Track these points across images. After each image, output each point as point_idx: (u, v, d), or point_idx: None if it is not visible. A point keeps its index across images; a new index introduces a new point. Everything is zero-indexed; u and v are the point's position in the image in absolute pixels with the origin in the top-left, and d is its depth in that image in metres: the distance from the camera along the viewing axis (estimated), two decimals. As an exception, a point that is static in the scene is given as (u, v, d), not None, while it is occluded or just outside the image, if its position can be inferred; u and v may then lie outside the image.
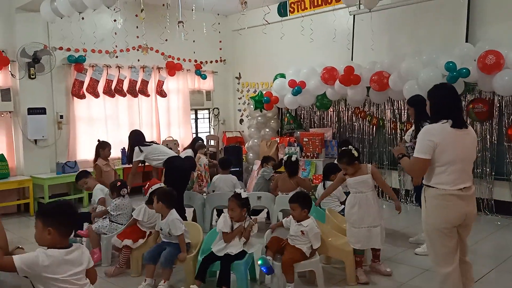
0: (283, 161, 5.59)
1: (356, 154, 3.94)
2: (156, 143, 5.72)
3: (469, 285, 3.10)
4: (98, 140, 5.88)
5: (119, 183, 4.61)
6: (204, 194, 6.16)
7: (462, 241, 3.05)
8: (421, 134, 2.90)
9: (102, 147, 5.69)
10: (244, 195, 3.79)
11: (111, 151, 5.83)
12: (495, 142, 6.11)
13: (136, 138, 5.59)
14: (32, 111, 6.92)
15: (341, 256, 3.93)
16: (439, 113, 2.90)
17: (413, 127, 4.09)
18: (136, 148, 5.40)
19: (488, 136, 6.17)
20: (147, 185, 4.40)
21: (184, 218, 4.83)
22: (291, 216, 3.83)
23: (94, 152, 5.76)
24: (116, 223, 4.50)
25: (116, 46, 8.00)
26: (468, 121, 6.31)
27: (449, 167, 2.83)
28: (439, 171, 2.86)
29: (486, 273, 4.08)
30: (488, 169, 6.18)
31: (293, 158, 5.39)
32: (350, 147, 4.03)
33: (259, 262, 3.52)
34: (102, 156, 5.68)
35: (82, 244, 4.14)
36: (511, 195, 6.01)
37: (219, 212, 5.92)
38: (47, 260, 2.07)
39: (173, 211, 3.94)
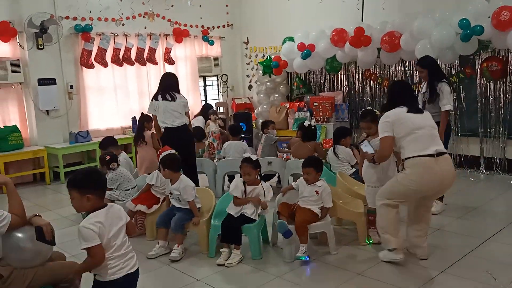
0: (299, 126, 5.58)
1: (377, 113, 3.99)
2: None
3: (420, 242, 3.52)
4: (142, 113, 6.03)
5: (108, 157, 4.60)
6: (215, 160, 6.23)
7: (427, 206, 3.55)
8: (381, 120, 3.45)
9: (147, 120, 5.76)
10: (253, 157, 3.85)
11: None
12: (509, 100, 6.00)
13: (168, 82, 5.20)
14: (42, 82, 6.95)
15: (352, 218, 3.98)
16: (396, 103, 3.47)
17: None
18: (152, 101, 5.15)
19: (501, 95, 6.06)
20: (158, 152, 4.44)
21: (197, 185, 4.89)
22: (301, 178, 3.87)
23: (138, 124, 5.94)
24: (123, 190, 4.59)
25: (122, 14, 7.91)
26: (482, 81, 6.21)
27: (412, 135, 3.29)
28: (407, 142, 3.31)
29: (497, 231, 4.10)
30: (501, 129, 6.11)
31: (306, 124, 5.39)
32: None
33: (277, 227, 3.55)
34: (148, 128, 5.77)
35: None
36: (524, 154, 5.97)
37: (230, 178, 5.99)
38: (97, 226, 2.21)
39: (183, 176, 4.00)
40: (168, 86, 5.16)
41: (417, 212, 3.55)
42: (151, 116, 5.36)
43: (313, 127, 5.39)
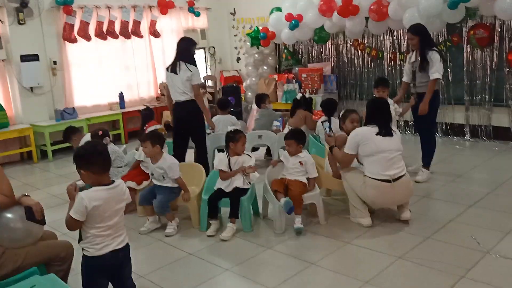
0: (297, 100, 5.65)
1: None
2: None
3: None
4: (147, 107, 6.06)
5: (100, 132, 4.53)
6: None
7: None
8: (350, 135, 3.69)
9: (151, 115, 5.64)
10: (233, 128, 4.01)
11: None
12: (495, 68, 6.04)
13: (178, 50, 4.78)
14: (25, 58, 6.79)
15: (340, 188, 4.03)
16: (370, 121, 3.68)
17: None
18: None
19: (488, 63, 6.08)
20: (145, 126, 4.41)
21: (205, 162, 4.89)
22: (285, 151, 3.94)
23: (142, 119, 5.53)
24: (116, 167, 4.58)
25: (103, -14, 7.69)
26: (468, 49, 6.22)
27: (374, 156, 3.54)
28: (368, 162, 3.58)
29: (482, 197, 4.21)
30: (487, 96, 6.16)
31: (298, 97, 5.52)
32: None
33: (284, 206, 3.57)
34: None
35: None
36: (509, 120, 6.05)
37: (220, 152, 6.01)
38: (92, 200, 2.23)
39: (166, 154, 3.95)
40: (178, 54, 4.73)
41: None
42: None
43: (308, 98, 5.49)
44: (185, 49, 4.75)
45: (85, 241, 2.32)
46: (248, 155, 3.92)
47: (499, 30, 5.90)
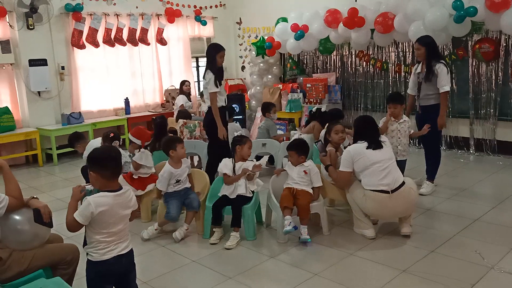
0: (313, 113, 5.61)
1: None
2: None
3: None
4: (163, 116, 5.96)
5: (111, 134, 4.58)
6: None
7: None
8: (343, 155, 3.78)
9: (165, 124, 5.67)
10: (240, 133, 4.06)
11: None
12: (500, 82, 6.05)
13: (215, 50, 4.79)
14: (33, 62, 6.86)
15: (344, 198, 4.03)
16: (359, 137, 3.77)
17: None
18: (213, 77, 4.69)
19: (493, 77, 6.10)
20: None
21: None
22: (288, 161, 3.96)
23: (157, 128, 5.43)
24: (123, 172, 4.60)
25: (113, -7, 7.78)
26: (474, 62, 6.24)
27: (369, 169, 3.60)
28: (364, 176, 3.63)
29: (487, 211, 4.20)
30: (492, 110, 6.17)
31: (314, 109, 5.58)
32: None
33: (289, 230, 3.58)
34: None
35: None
36: (514, 135, 6.06)
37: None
38: (98, 206, 2.23)
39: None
40: (206, 61, 4.89)
41: None
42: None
43: (323, 112, 5.45)
44: (209, 55, 4.86)
45: (89, 246, 2.33)
46: (252, 161, 3.95)
47: (505, 44, 5.93)
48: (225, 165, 3.90)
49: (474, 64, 6.26)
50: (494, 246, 3.46)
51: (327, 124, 4.37)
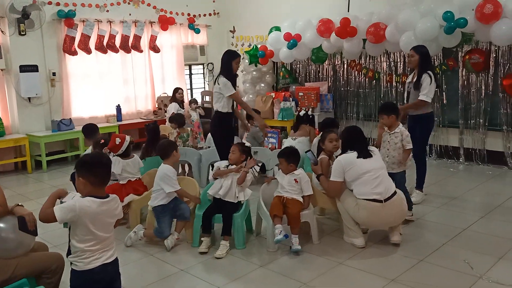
0: (300, 116, 5.67)
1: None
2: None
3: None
4: (156, 122, 6.22)
5: (102, 141, 4.52)
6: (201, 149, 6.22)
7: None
8: (333, 164, 3.78)
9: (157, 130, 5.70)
10: (248, 144, 3.98)
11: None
12: (490, 93, 6.11)
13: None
14: (24, 68, 6.82)
15: (335, 207, 4.02)
16: (347, 147, 3.78)
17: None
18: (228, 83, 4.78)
19: (483, 87, 6.16)
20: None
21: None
22: (279, 170, 3.95)
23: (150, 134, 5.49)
24: (112, 180, 4.57)
25: (106, 0, 7.78)
26: (464, 73, 6.31)
27: (360, 178, 3.60)
28: (356, 185, 3.64)
29: (476, 221, 4.21)
30: (481, 120, 6.23)
31: (301, 114, 5.63)
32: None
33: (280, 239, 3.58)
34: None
35: None
36: (503, 145, 6.10)
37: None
38: (83, 211, 2.19)
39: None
40: (220, 67, 5.01)
41: None
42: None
43: (310, 116, 5.62)
44: (224, 62, 4.93)
45: (73, 255, 2.28)
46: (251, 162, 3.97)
47: (494, 55, 6.00)
48: (219, 164, 3.96)
49: (464, 74, 6.32)
50: (483, 256, 3.46)
51: (321, 133, 4.38)
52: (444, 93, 6.54)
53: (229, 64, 4.86)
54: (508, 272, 3.19)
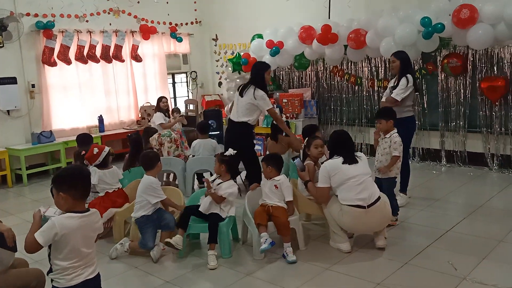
0: (275, 124, 5.50)
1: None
2: None
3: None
4: (138, 132, 6.08)
5: (83, 152, 4.50)
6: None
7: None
8: (320, 171, 3.79)
9: (146, 139, 5.81)
10: (229, 152, 3.93)
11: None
12: (469, 95, 6.23)
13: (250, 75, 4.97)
14: (2, 81, 6.71)
15: (321, 213, 4.03)
16: (334, 153, 3.80)
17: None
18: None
19: (462, 90, 6.28)
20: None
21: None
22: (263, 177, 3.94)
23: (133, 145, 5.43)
24: (93, 192, 4.51)
25: (85, 10, 7.71)
26: (442, 76, 6.42)
27: (345, 184, 3.62)
28: (340, 191, 3.66)
29: (459, 222, 4.27)
30: (461, 122, 6.33)
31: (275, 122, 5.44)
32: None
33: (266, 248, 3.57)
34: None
35: None
36: (483, 146, 6.21)
37: (200, 177, 5.97)
38: (63, 228, 2.14)
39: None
40: (251, 79, 4.96)
41: None
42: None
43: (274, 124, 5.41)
44: (256, 74, 4.86)
45: (55, 272, 2.22)
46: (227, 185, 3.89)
47: (472, 59, 6.12)
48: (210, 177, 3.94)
49: (443, 78, 6.44)
50: (466, 257, 3.50)
51: (306, 139, 4.38)
52: (424, 96, 6.64)
53: (262, 76, 4.83)
54: (491, 272, 3.24)
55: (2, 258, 2.43)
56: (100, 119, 7.90)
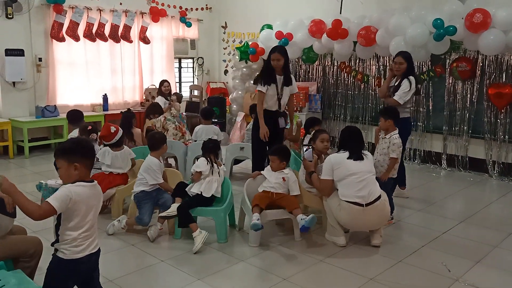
0: None
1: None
2: None
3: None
4: (129, 109, 6.00)
5: (89, 127, 4.54)
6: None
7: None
8: (324, 163, 3.81)
9: (132, 117, 5.60)
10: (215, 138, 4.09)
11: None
12: (475, 101, 6.21)
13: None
14: (9, 52, 6.70)
15: (318, 205, 4.05)
16: (343, 147, 3.81)
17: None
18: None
19: (468, 95, 6.26)
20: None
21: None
22: (268, 167, 3.95)
23: (124, 120, 5.40)
24: (96, 168, 4.53)
25: (97, -13, 7.69)
26: (450, 80, 6.40)
27: (346, 179, 3.62)
28: (341, 185, 3.66)
29: (455, 225, 4.28)
30: (465, 127, 6.33)
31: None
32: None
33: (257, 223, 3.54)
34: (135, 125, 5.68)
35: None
36: (485, 153, 6.20)
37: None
38: (77, 195, 2.13)
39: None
40: (287, 67, 4.74)
41: None
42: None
43: None
44: (288, 59, 4.68)
45: (63, 242, 2.19)
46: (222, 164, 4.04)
47: (481, 64, 6.09)
48: (202, 164, 3.87)
49: (450, 81, 6.42)
50: (460, 259, 3.52)
51: (313, 132, 4.38)
52: (430, 99, 6.63)
53: (267, 60, 4.69)
54: (484, 276, 3.25)
55: (0, 223, 2.44)
56: (105, 98, 7.90)
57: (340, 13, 7.26)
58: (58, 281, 2.21)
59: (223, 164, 4.05)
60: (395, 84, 4.76)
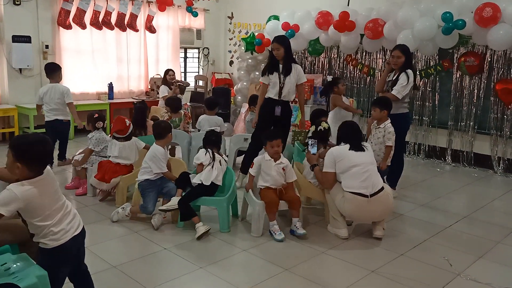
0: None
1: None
2: None
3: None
4: (143, 101, 6.12)
5: (96, 115, 4.56)
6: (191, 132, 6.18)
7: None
8: (326, 156, 3.80)
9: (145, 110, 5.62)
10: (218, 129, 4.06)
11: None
12: (482, 96, 6.17)
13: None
14: (16, 39, 6.71)
15: (320, 197, 4.06)
16: (342, 140, 3.82)
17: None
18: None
19: (475, 90, 6.21)
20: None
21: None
22: (261, 157, 3.87)
23: (137, 114, 5.39)
24: (99, 156, 4.55)
25: (104, -25, 7.66)
26: (458, 74, 6.35)
27: (349, 171, 3.63)
28: (344, 177, 3.66)
29: (458, 220, 4.28)
30: (471, 123, 6.29)
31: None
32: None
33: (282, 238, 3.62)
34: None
35: None
36: (490, 149, 6.17)
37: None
38: (26, 201, 2.01)
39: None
40: (290, 56, 4.74)
41: None
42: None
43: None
44: (289, 48, 4.66)
45: (39, 236, 2.11)
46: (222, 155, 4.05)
47: (489, 59, 6.03)
48: (201, 156, 3.88)
49: (458, 76, 6.37)
50: (462, 254, 3.52)
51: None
52: (436, 93, 6.58)
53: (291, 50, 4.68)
54: (486, 271, 3.25)
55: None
56: (110, 86, 7.91)
57: (348, 5, 7.20)
58: (52, 270, 2.14)
59: (226, 155, 4.05)
60: (393, 78, 4.71)
